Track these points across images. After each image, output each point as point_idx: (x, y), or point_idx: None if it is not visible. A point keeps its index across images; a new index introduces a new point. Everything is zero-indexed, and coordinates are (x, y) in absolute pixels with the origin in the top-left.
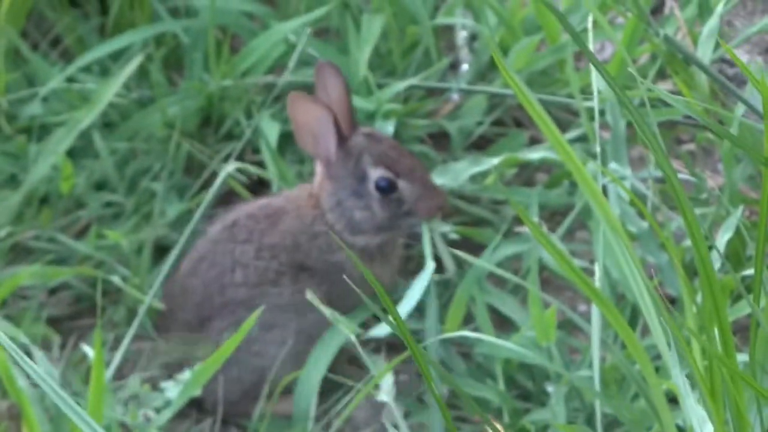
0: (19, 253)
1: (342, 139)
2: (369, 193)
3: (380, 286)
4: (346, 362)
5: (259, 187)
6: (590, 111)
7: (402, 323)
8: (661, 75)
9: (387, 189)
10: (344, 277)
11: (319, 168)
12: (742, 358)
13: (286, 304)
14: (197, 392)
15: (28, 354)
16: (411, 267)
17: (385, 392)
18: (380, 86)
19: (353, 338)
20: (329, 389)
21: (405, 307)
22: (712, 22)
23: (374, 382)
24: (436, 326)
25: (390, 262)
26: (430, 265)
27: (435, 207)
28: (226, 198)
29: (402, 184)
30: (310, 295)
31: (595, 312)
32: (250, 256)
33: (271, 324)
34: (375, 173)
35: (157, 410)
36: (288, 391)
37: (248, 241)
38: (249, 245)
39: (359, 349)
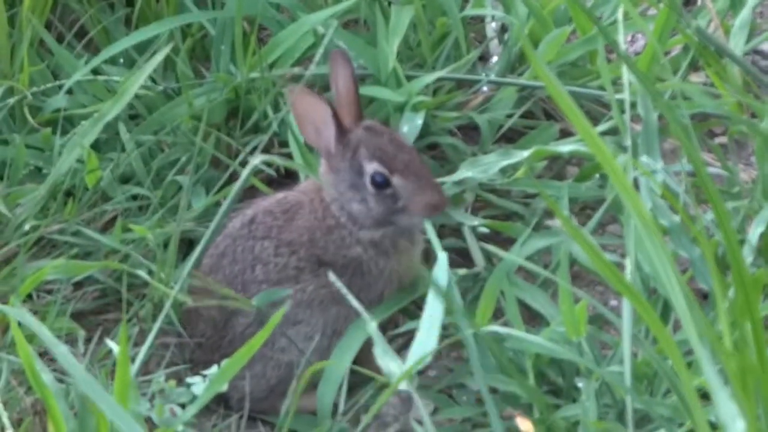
0: (44, 246)
1: (342, 132)
2: (365, 187)
3: (398, 280)
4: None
5: (286, 181)
6: (621, 103)
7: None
8: (694, 67)
9: (382, 184)
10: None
11: (322, 160)
12: None
13: (308, 300)
14: (223, 388)
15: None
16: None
17: (412, 387)
18: (409, 78)
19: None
20: (358, 384)
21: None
22: (744, 13)
23: (402, 377)
24: (463, 320)
25: (407, 256)
26: (442, 258)
27: (431, 205)
28: (253, 191)
29: (396, 180)
30: (337, 288)
31: (626, 306)
32: (269, 253)
33: (295, 319)
34: (370, 167)
35: (183, 406)
36: (315, 386)
37: (267, 238)
38: (268, 242)
39: (384, 343)
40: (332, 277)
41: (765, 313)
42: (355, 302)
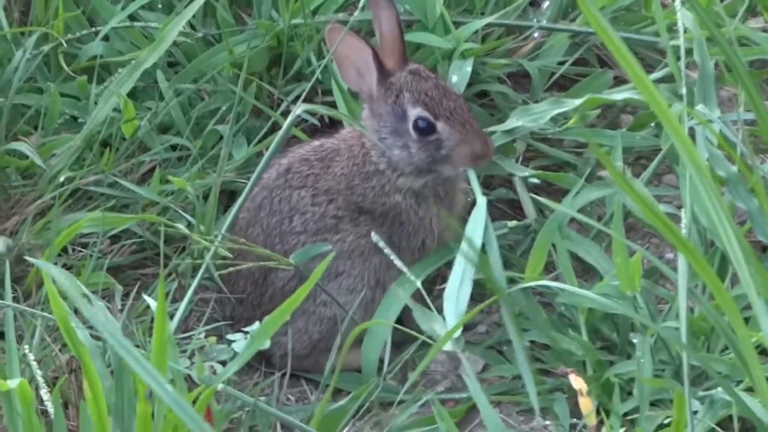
0: (80, 198)
1: (384, 75)
2: (408, 133)
3: (439, 232)
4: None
5: (330, 131)
6: (677, 50)
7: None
8: (752, 11)
9: (426, 130)
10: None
11: (364, 105)
12: None
13: (349, 250)
14: (265, 345)
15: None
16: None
17: (459, 345)
18: (457, 24)
19: (422, 290)
20: (404, 339)
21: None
22: None
23: (450, 334)
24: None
25: (448, 206)
26: (481, 202)
27: (475, 154)
28: (295, 141)
29: (441, 126)
30: (375, 239)
31: (682, 260)
32: (306, 203)
33: (336, 271)
34: (414, 112)
35: (224, 363)
36: (359, 342)
37: (303, 187)
38: (305, 191)
39: (422, 306)
40: (374, 236)
41: None
42: (398, 261)
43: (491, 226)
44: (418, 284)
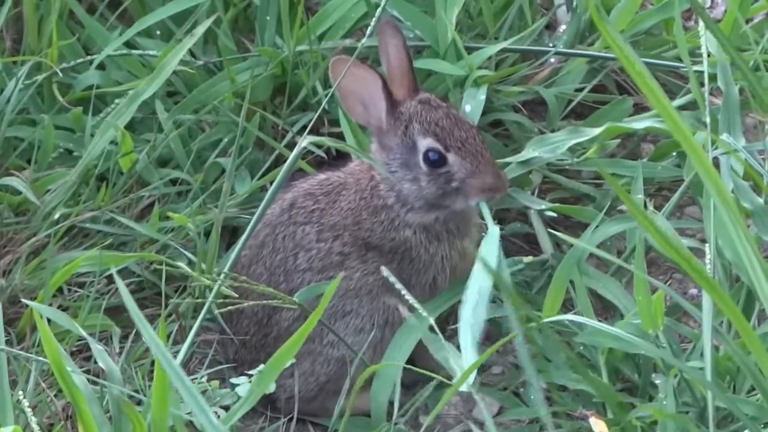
0: (75, 236)
1: (394, 106)
2: (418, 165)
3: (451, 269)
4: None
5: (338, 163)
6: (700, 75)
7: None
8: None
9: (436, 162)
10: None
11: (373, 138)
12: None
13: (356, 288)
14: (270, 388)
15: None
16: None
17: (474, 387)
18: (470, 50)
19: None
20: (415, 381)
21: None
22: None
23: (465, 376)
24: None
25: (461, 242)
26: (493, 231)
27: (487, 188)
28: (300, 175)
29: (452, 158)
30: (385, 273)
31: (706, 297)
32: (311, 239)
33: (343, 310)
34: (424, 143)
35: (227, 408)
36: (368, 384)
37: (308, 223)
38: (309, 227)
39: (440, 340)
40: (385, 271)
41: None
42: (410, 296)
43: (504, 259)
44: (431, 321)
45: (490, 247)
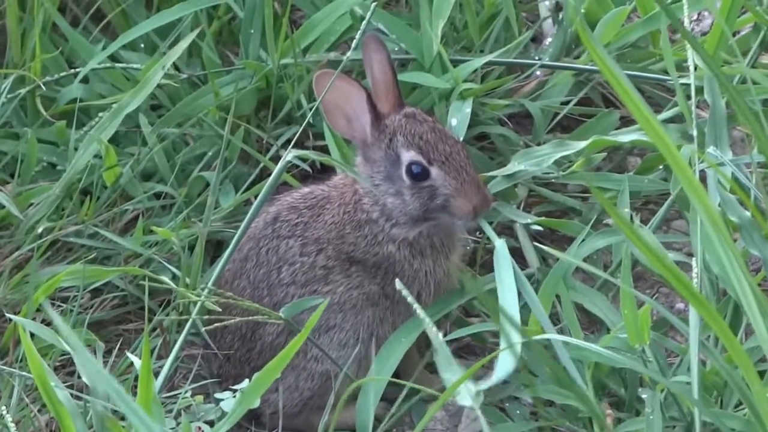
0: (59, 250)
1: (378, 119)
2: (401, 178)
3: (435, 284)
4: (417, 366)
5: (323, 176)
6: (687, 88)
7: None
8: (765, 47)
9: (419, 176)
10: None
11: (358, 152)
12: None
13: (340, 302)
14: (255, 404)
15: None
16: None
17: (467, 400)
18: (455, 63)
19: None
20: (399, 395)
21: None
22: None
23: (452, 389)
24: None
25: (446, 257)
26: (500, 246)
27: (471, 207)
28: (285, 188)
29: (435, 173)
30: (399, 286)
31: (693, 312)
32: (295, 253)
33: (327, 325)
34: (407, 156)
35: (212, 424)
36: (353, 398)
37: (292, 236)
38: (293, 240)
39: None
40: (399, 284)
41: None
42: (418, 307)
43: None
44: (431, 331)
45: (503, 261)
